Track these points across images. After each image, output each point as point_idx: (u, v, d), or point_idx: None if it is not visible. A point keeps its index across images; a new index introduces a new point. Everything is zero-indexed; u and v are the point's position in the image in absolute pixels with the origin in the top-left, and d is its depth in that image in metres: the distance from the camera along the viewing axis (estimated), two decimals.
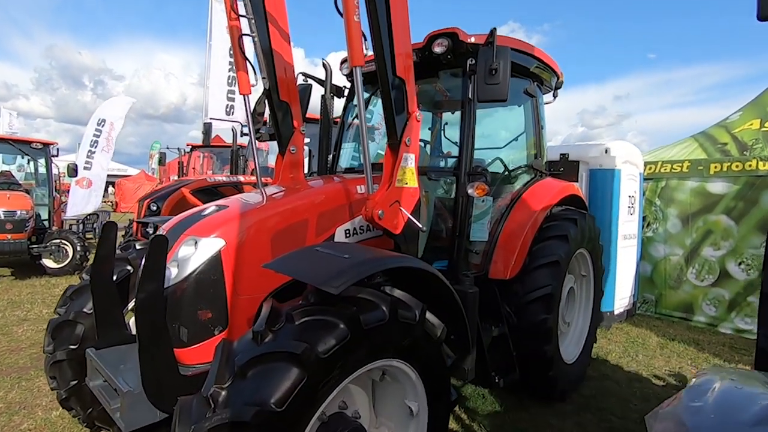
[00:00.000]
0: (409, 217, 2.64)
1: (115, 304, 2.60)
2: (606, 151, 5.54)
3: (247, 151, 7.09)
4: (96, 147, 11.54)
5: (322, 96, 3.91)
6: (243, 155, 7.29)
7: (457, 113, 4.84)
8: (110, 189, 30.11)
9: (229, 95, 12.04)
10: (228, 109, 11.76)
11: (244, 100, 3.25)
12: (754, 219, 5.63)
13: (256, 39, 3.12)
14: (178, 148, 9.92)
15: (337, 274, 1.67)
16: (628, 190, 5.87)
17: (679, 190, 6.30)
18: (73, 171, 9.15)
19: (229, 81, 11.97)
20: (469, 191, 2.96)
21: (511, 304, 3.36)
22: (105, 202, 25.42)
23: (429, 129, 4.96)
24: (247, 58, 3.17)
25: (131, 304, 2.90)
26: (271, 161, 9.45)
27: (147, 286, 1.95)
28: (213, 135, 13.53)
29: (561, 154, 4.97)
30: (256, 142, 3.44)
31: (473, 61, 3.13)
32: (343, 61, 3.94)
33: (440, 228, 3.38)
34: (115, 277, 2.70)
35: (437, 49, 3.14)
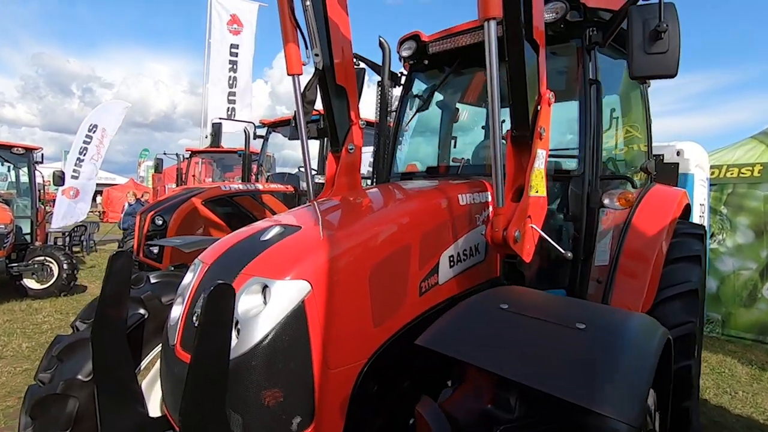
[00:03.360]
0: (547, 240, 1.88)
1: (127, 368, 1.79)
2: (678, 153, 4.87)
3: (260, 157, 6.28)
4: (85, 154, 10.64)
5: (379, 83, 3.15)
6: (256, 161, 6.48)
7: None
8: (98, 198, 28.90)
9: (230, 97, 11.23)
10: (229, 112, 10.93)
11: (294, 82, 2.47)
12: None
13: (308, 2, 2.37)
14: (177, 154, 9.07)
15: (613, 382, 0.90)
16: (699, 197, 5.21)
17: (750, 197, 5.63)
18: (59, 179, 8.23)
19: (230, 82, 11.17)
20: (606, 201, 2.22)
21: None
22: (92, 212, 24.24)
23: (483, 127, 4.26)
24: (298, 26, 2.40)
25: (145, 363, 2.08)
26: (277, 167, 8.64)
27: (204, 364, 1.16)
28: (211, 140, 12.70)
29: (654, 155, 4.26)
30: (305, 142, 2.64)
31: (595, 31, 2.43)
32: (403, 41, 3.19)
33: (546, 247, 2.63)
34: None
35: (547, 16, 2.41)
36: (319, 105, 2.70)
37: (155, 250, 4.15)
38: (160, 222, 4.19)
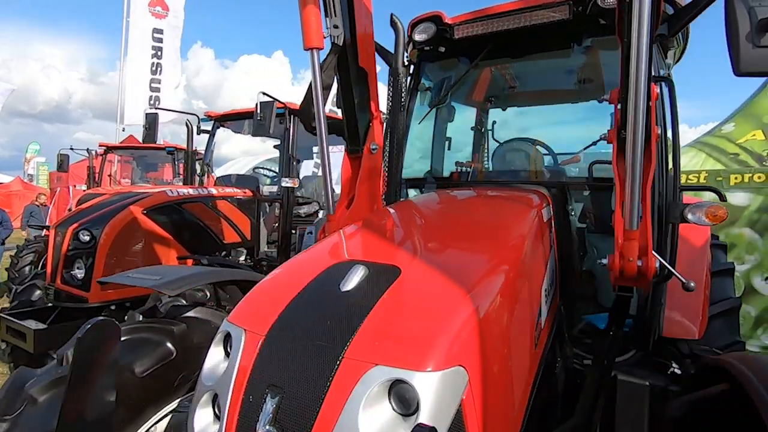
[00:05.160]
0: (671, 271, 1.53)
1: None
2: None
3: (207, 156, 5.33)
4: None
5: (391, 71, 2.63)
6: (202, 160, 5.51)
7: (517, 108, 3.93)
8: None
9: (153, 85, 9.80)
10: (152, 102, 9.53)
11: (312, 58, 1.87)
12: None
13: None
14: (88, 149, 7.61)
15: None
16: None
17: None
18: None
19: (153, 68, 9.75)
20: (690, 216, 1.93)
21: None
22: None
23: (473, 129, 3.94)
24: None
25: None
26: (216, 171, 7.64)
27: None
28: (127, 134, 11.05)
29: None
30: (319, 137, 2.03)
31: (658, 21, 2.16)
32: (417, 23, 2.70)
33: (596, 267, 2.33)
34: None
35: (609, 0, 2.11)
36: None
37: (79, 275, 3.16)
38: (87, 237, 3.20)
